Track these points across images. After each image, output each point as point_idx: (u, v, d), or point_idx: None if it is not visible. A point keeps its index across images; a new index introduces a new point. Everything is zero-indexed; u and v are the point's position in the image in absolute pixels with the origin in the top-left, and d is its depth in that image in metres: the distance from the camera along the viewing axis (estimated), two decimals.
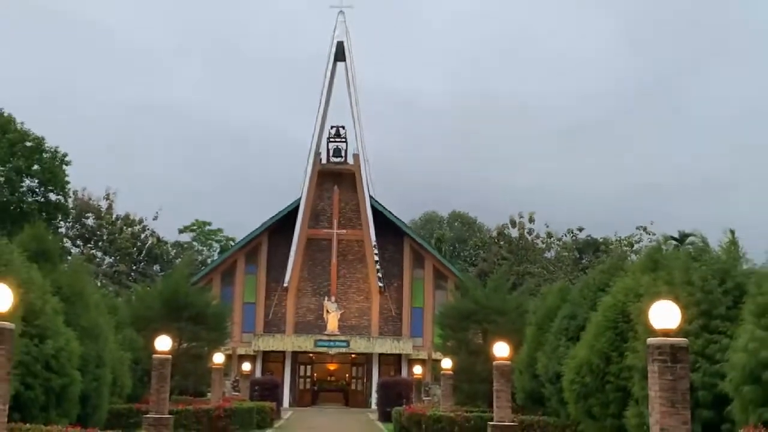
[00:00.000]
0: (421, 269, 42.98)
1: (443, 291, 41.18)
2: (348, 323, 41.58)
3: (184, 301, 25.22)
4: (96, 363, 15.32)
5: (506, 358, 15.63)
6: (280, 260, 42.00)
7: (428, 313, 41.34)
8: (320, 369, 42.46)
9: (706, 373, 10.44)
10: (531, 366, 19.25)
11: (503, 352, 15.65)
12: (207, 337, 25.62)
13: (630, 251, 52.21)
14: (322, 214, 43.30)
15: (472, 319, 26.90)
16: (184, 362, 23.96)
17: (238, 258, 42.97)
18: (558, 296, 19.73)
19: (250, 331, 41.35)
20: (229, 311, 29.88)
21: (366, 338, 40.20)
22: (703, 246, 12.36)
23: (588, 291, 17.43)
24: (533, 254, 54.77)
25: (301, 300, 42.18)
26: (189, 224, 63.91)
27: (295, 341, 39.81)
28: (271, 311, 42.16)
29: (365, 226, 41.41)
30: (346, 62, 43.22)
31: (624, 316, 13.52)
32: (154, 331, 18.76)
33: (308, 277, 42.56)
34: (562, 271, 51.74)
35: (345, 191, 43.16)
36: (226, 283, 42.33)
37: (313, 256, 42.71)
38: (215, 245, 64.24)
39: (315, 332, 40.68)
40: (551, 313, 19.17)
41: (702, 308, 11.13)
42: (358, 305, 42.33)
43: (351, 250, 42.89)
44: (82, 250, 51.01)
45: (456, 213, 73.75)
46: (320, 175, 42.77)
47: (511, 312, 25.87)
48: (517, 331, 22.52)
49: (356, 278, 42.62)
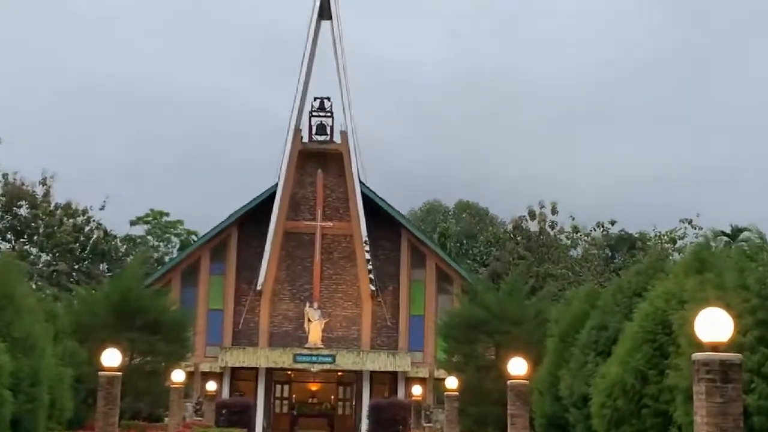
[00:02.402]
0: (421, 269, 43.00)
1: (448, 296, 41.23)
2: (334, 334, 41.60)
3: (137, 307, 25.19)
4: (30, 381, 15.27)
5: (523, 377, 15.64)
6: (252, 258, 41.95)
7: (430, 322, 41.37)
8: (300, 389, 42.49)
9: (762, 395, 10.45)
10: (553, 386, 19.28)
11: (519, 370, 15.65)
12: (164, 350, 25.61)
13: (672, 249, 52.39)
14: (303, 202, 43.25)
15: (482, 330, 26.93)
16: (136, 380, 23.93)
17: (201, 255, 42.92)
18: (585, 302, 19.75)
19: (216, 343, 41.35)
20: (190, 319, 29.90)
21: (355, 352, 40.23)
22: (760, 243, 12.36)
23: (621, 296, 17.45)
24: (556, 252, 54.86)
25: (277, 306, 42.17)
26: (143, 215, 63.77)
27: (271, 356, 39.81)
28: (242, 319, 42.15)
29: (355, 218, 41.38)
30: (332, 20, 43.12)
31: (665, 326, 13.53)
32: (101, 342, 18.74)
33: (286, 278, 42.53)
34: (591, 272, 51.86)
35: (331, 176, 43.09)
36: (188, 285, 42.28)
37: (293, 254, 42.68)
38: (174, 240, 64.11)
39: (294, 345, 40.69)
40: (577, 323, 19.19)
41: (759, 317, 11.13)
42: (346, 313, 42.34)
43: (338, 247, 42.88)
44: (13, 246, 50.84)
45: (463, 203, 73.84)
46: (301, 156, 42.70)
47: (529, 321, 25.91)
48: (536, 343, 22.56)
49: (344, 280, 42.62)
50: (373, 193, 42.69)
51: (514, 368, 15.56)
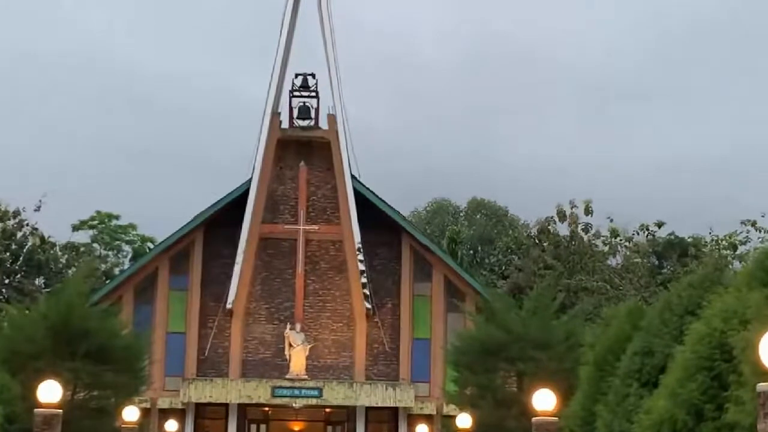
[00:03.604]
0: (427, 282, 43.02)
1: (459, 314, 41.23)
2: (321, 362, 41.60)
3: (81, 330, 25.14)
4: None
5: (551, 413, 15.67)
6: (221, 270, 41.95)
7: (437, 346, 41.36)
8: (280, 429, 42.50)
9: None
10: (588, 424, 19.29)
11: (547, 404, 15.68)
12: (114, 382, 25.56)
13: (732, 256, 52.37)
14: (282, 201, 43.25)
15: (501, 356, 26.94)
16: (80, 419, 23.89)
17: (159, 266, 42.90)
18: (627, 322, 19.76)
19: (178, 373, 41.32)
20: (146, 344, 29.82)
21: (347, 384, 40.23)
22: None
23: (671, 315, 17.45)
24: (591, 261, 54.86)
25: (252, 328, 42.16)
26: (87, 218, 63.73)
27: (244, 389, 39.80)
28: (209, 345, 42.13)
29: (345, 220, 41.38)
30: None
31: (723, 351, 13.52)
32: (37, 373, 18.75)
33: (263, 294, 42.53)
34: (633, 285, 51.84)
35: (316, 169, 43.10)
36: (143, 302, 42.29)
37: (270, 264, 42.68)
38: (126, 248, 64.08)
39: (273, 375, 40.69)
40: (617, 347, 19.20)
41: None
42: (336, 336, 42.34)
43: (325, 255, 42.88)
44: None
45: (478, 201, 73.81)
46: (280, 146, 42.70)
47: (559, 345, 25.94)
48: (566, 372, 22.59)
49: (333, 296, 42.62)
50: (367, 190, 42.70)
51: (540, 402, 15.58)
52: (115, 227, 64.35)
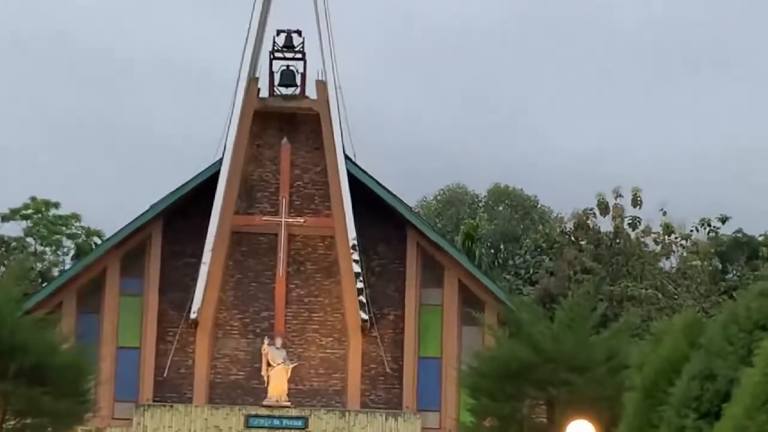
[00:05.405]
0: (437, 288, 43.10)
1: (476, 328, 41.27)
2: (306, 385, 41.69)
3: (12, 345, 25.22)
4: None
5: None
6: (184, 271, 42.05)
7: (449, 367, 41.46)
8: None
9: None
10: None
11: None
12: (52, 408, 25.66)
13: None
14: (260, 187, 43.28)
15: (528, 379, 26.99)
16: None
17: (108, 266, 42.95)
18: (683, 339, 19.79)
19: (130, 398, 41.41)
20: (92, 362, 29.88)
21: (338, 413, 40.32)
22: None
23: (737, 330, 17.48)
24: (639, 263, 55.01)
25: (222, 343, 42.25)
26: (20, 206, 63.79)
27: (212, 417, 39.90)
28: (169, 363, 42.21)
29: (338, 211, 41.42)
30: None
31: None
32: None
33: (235, 301, 42.60)
34: (691, 293, 51.99)
35: (302, 148, 43.14)
36: (88, 311, 42.35)
37: (245, 264, 42.75)
38: (67, 243, 64.18)
39: (247, 402, 40.78)
40: (670, 370, 19.24)
41: None
42: (325, 353, 42.41)
43: (312, 254, 42.95)
44: None
45: (500, 188, 73.86)
46: (258, 119, 42.70)
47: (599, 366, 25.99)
48: (608, 400, 22.64)
49: (321, 304, 42.69)
50: (364, 174, 42.72)
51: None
52: (54, 218, 64.28)
